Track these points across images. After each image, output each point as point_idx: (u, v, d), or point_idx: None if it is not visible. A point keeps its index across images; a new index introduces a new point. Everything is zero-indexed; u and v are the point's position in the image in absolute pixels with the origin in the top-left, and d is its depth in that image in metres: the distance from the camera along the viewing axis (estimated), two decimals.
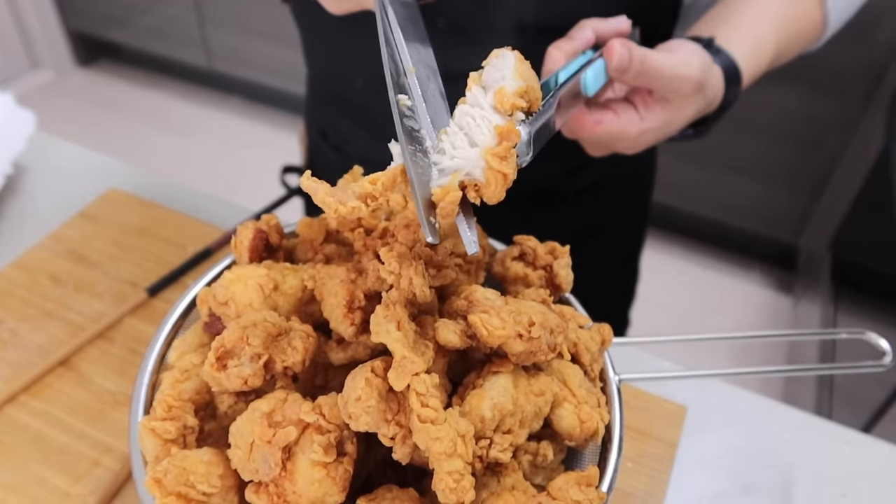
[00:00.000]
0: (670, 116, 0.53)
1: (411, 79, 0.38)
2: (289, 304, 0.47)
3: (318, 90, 0.88)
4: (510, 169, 0.34)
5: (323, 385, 0.46)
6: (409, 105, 0.37)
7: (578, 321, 0.49)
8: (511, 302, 0.42)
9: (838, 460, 0.64)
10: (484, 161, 0.34)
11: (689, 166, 1.91)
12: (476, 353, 0.44)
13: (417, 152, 0.36)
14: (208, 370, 0.41)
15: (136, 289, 0.75)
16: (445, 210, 0.35)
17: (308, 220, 0.53)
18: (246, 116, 2.62)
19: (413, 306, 0.42)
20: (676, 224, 2.10)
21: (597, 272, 0.80)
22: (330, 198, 0.36)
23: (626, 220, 0.91)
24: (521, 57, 0.36)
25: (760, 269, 2.09)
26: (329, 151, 0.87)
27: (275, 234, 0.53)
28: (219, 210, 0.88)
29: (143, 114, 2.65)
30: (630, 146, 0.54)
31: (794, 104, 1.72)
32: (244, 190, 2.20)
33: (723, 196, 1.95)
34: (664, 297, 1.94)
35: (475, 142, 0.35)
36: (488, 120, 0.35)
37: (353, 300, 0.43)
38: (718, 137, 1.88)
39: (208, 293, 0.48)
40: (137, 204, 0.86)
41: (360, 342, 0.44)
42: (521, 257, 0.52)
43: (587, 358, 0.48)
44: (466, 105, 0.36)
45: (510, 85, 0.35)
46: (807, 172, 1.83)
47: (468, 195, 0.36)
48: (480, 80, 0.36)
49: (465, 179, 0.35)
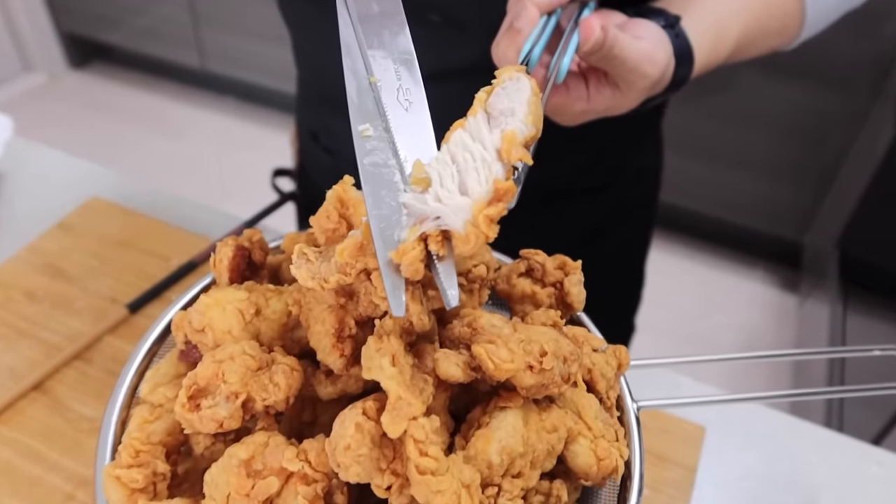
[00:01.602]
0: (616, 103, 0.50)
1: (375, 92, 0.34)
2: (272, 330, 0.42)
3: (308, 90, 0.84)
4: (495, 233, 0.31)
5: (311, 421, 0.42)
6: (371, 135, 0.33)
7: (592, 344, 0.45)
8: (519, 328, 0.37)
9: (868, 482, 0.60)
10: (471, 215, 0.30)
11: (692, 163, 1.87)
12: (481, 385, 0.39)
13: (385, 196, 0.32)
14: (180, 410, 0.36)
15: (117, 305, 0.70)
16: (409, 272, 0.31)
17: (294, 234, 0.48)
18: (240, 117, 2.57)
19: (410, 335, 0.37)
20: (680, 223, 2.06)
21: (603, 278, 0.75)
22: (311, 280, 0.34)
23: (634, 222, 0.87)
24: (536, 89, 0.31)
25: (765, 268, 2.05)
26: (320, 153, 0.83)
27: (258, 250, 0.48)
28: (205, 218, 0.83)
29: (136, 116, 2.61)
30: (565, 121, 0.51)
31: (800, 98, 1.68)
32: (239, 193, 2.15)
33: (726, 193, 1.91)
34: (668, 297, 1.90)
35: (466, 188, 0.31)
36: (489, 166, 0.30)
37: (342, 328, 0.38)
38: (722, 133, 1.85)
39: (184, 318, 0.43)
40: (119, 213, 0.81)
41: (352, 374, 0.39)
42: (529, 273, 0.48)
43: (603, 385, 0.43)
44: (466, 133, 0.31)
45: (521, 129, 0.30)
46: (813, 168, 1.78)
47: (430, 246, 0.32)
48: (486, 104, 0.31)
49: (432, 230, 0.32)
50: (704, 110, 1.76)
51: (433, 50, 0.61)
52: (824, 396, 0.49)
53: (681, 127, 1.76)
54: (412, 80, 0.36)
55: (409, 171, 0.33)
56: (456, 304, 0.31)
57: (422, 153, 0.34)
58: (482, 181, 0.30)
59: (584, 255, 0.68)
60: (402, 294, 0.32)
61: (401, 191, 0.32)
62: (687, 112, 1.75)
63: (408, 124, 0.34)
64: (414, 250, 0.31)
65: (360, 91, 0.34)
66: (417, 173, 0.31)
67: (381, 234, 0.32)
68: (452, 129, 0.32)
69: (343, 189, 0.46)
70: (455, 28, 0.61)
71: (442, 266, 0.32)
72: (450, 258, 0.32)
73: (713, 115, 1.77)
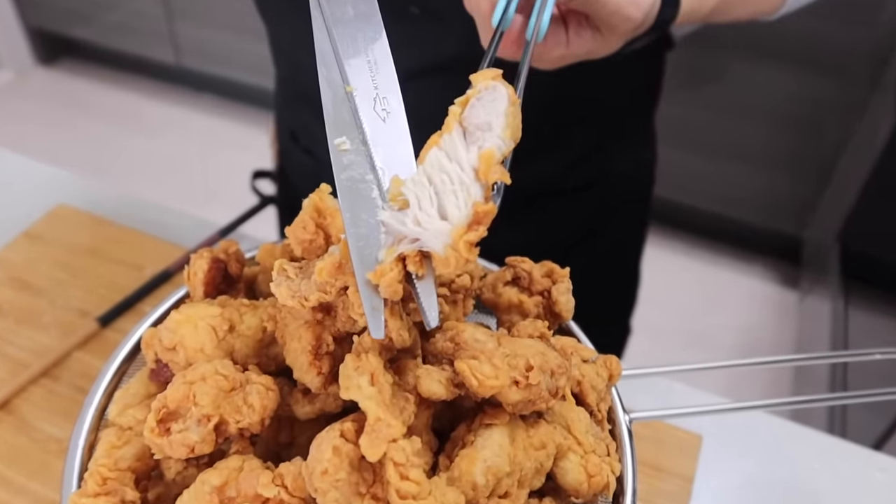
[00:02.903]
0: (597, 47, 0.49)
1: (352, 103, 0.34)
2: (247, 347, 0.42)
3: (286, 88, 0.83)
4: (476, 256, 0.31)
5: (289, 442, 0.41)
6: (348, 148, 0.33)
7: (582, 355, 0.45)
8: (504, 342, 0.37)
9: (872, 488, 0.60)
10: (451, 239, 0.30)
11: (687, 155, 1.87)
12: (466, 402, 0.39)
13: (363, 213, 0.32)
14: (149, 435, 0.36)
15: (87, 318, 0.69)
16: (388, 292, 0.32)
17: (269, 246, 0.48)
18: (219, 115, 2.56)
19: (390, 351, 0.37)
20: (675, 218, 2.07)
21: (595, 279, 0.75)
22: (291, 299, 0.34)
23: (626, 219, 0.87)
24: (513, 97, 0.31)
25: (764, 263, 2.05)
26: (300, 154, 0.82)
27: (235, 263, 0.48)
28: (181, 225, 0.82)
29: (108, 115, 2.58)
30: (542, 66, 0.50)
31: (796, 87, 1.69)
32: (218, 195, 2.14)
33: (723, 187, 1.92)
34: (664, 295, 1.90)
35: (445, 211, 0.31)
36: (466, 188, 0.31)
37: (319, 345, 0.38)
38: (718, 124, 1.85)
39: (154, 336, 0.43)
40: (89, 221, 0.80)
41: (330, 392, 0.39)
42: (515, 282, 0.48)
43: (593, 398, 0.43)
44: (442, 153, 0.31)
45: (498, 146, 0.30)
46: (811, 159, 1.79)
47: (409, 266, 0.32)
48: (461, 117, 0.31)
49: (410, 251, 0.32)
50: (699, 100, 1.77)
51: (414, 46, 0.61)
52: (825, 404, 0.49)
53: (674, 118, 1.76)
54: (389, 88, 0.35)
55: (388, 186, 0.32)
56: (436, 325, 0.31)
57: (400, 167, 0.34)
58: (461, 205, 0.30)
59: (575, 256, 0.68)
60: (381, 315, 0.32)
61: (379, 207, 0.32)
62: (681, 102, 1.76)
63: (385, 136, 0.34)
64: (392, 271, 0.31)
65: (335, 101, 0.34)
66: (394, 190, 0.31)
67: (359, 254, 0.32)
68: (428, 147, 0.32)
69: (320, 198, 0.46)
70: (435, 20, 0.61)
71: (421, 285, 0.32)
72: (429, 277, 0.32)
73: (708, 105, 1.77)
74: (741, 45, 1.64)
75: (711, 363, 0.50)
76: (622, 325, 0.94)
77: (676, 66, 0.97)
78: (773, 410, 0.64)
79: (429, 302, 0.32)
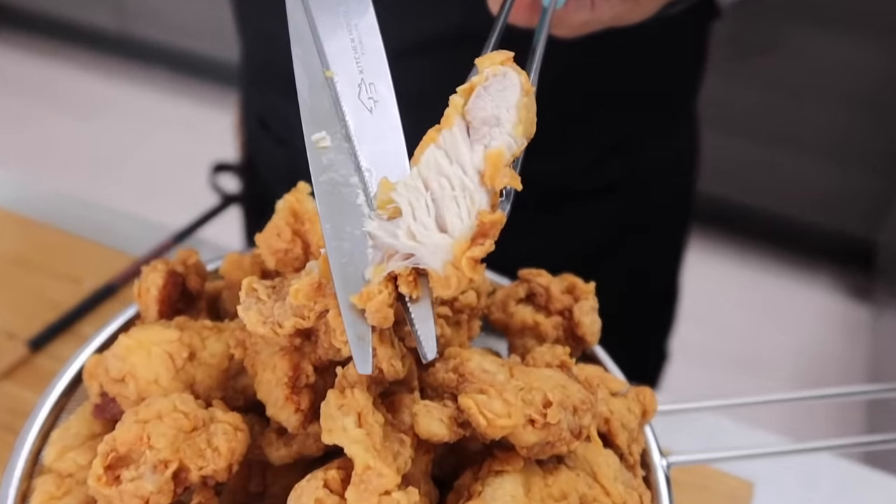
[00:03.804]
0: (627, 10, 0.49)
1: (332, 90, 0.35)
2: (210, 378, 0.43)
3: (253, 66, 0.84)
4: (481, 274, 0.32)
5: (260, 491, 0.42)
6: (328, 145, 0.34)
7: (611, 387, 0.45)
8: (517, 373, 0.38)
9: None
10: (451, 256, 0.31)
11: (736, 143, 1.88)
12: (472, 444, 0.40)
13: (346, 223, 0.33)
14: (94, 484, 0.36)
15: (15, 341, 0.70)
16: (376, 319, 0.32)
17: (236, 256, 0.49)
18: (171, 94, 2.57)
19: (380, 385, 0.37)
20: (722, 219, 2.07)
21: (626, 294, 0.76)
22: (263, 326, 0.35)
23: (663, 222, 0.88)
24: (527, 85, 0.32)
25: (830, 272, 2.06)
26: (271, 145, 0.83)
27: (195, 276, 0.49)
28: (127, 229, 0.83)
29: (34, 93, 2.60)
30: (563, 33, 0.51)
31: (869, 60, 1.70)
32: (171, 192, 2.15)
33: (779, 181, 1.93)
34: (709, 313, 1.91)
35: (445, 222, 0.31)
36: (470, 195, 0.31)
37: (297, 376, 0.39)
38: (773, 106, 1.86)
39: (99, 364, 0.44)
40: (15, 224, 0.81)
41: (310, 433, 0.40)
42: (530, 299, 0.49)
43: (624, 438, 0.44)
44: (441, 152, 0.32)
45: (508, 145, 0.31)
46: (886, 148, 1.80)
47: (402, 287, 0.33)
48: (464, 110, 0.32)
49: (403, 269, 0.32)
50: (748, 77, 1.78)
51: (406, 17, 0.62)
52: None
53: (721, 100, 1.77)
54: (377, 72, 0.36)
55: (375, 191, 0.33)
56: (434, 356, 0.32)
57: (390, 168, 0.34)
58: (463, 215, 0.31)
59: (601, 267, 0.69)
60: (368, 346, 0.32)
61: (365, 216, 0.33)
62: (728, 80, 1.77)
63: (372, 130, 0.35)
64: (381, 294, 0.32)
65: (313, 89, 0.35)
66: (383, 195, 0.32)
67: (341, 272, 0.32)
68: (424, 145, 0.32)
69: (297, 199, 0.47)
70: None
71: (416, 309, 0.33)
72: (426, 299, 0.33)
73: (761, 83, 1.79)
74: (801, 11, 1.66)
75: (766, 396, 0.51)
76: (658, 349, 0.95)
77: (723, 38, 0.98)
78: (842, 452, 0.65)
79: (425, 329, 0.33)
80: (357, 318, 0.33)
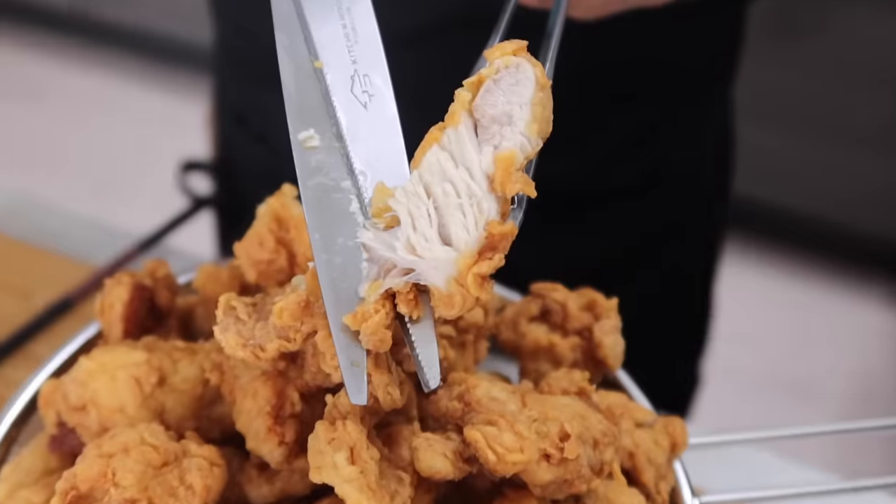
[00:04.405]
0: None
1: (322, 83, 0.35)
2: (182, 406, 0.43)
3: (229, 52, 0.84)
4: (489, 295, 0.32)
5: None
6: (317, 145, 0.34)
7: (636, 417, 0.46)
8: (531, 401, 0.38)
9: None
10: (456, 271, 0.31)
11: (777, 137, 1.88)
12: (479, 482, 0.40)
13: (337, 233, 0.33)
14: None
15: None
16: (372, 342, 0.33)
17: (211, 268, 0.49)
18: (132, 80, 2.57)
19: (376, 415, 0.38)
20: (763, 224, 2.08)
21: (653, 311, 0.77)
22: (242, 349, 0.35)
23: (696, 228, 0.88)
24: (543, 78, 0.32)
25: (886, 285, 2.06)
26: (249, 144, 0.84)
27: (164, 291, 0.50)
28: (84, 235, 0.84)
29: None
30: (580, 13, 0.52)
31: None
32: (134, 193, 2.15)
33: (828, 180, 1.93)
34: (748, 331, 1.91)
35: (449, 233, 0.32)
36: (477, 203, 0.32)
37: (281, 404, 0.39)
38: (819, 94, 1.87)
39: (55, 391, 0.44)
40: None
41: (295, 468, 0.40)
42: (544, 317, 0.49)
43: (650, 475, 0.45)
44: (445, 153, 0.32)
45: (522, 145, 0.32)
46: None
47: (400, 307, 0.33)
48: (472, 106, 0.32)
49: (402, 286, 0.33)
50: (793, 63, 1.78)
51: (407, 1, 0.62)
52: None
53: (760, 87, 1.77)
54: (372, 62, 0.37)
55: (371, 197, 0.34)
56: (437, 385, 0.32)
57: (387, 171, 0.35)
58: (469, 226, 0.31)
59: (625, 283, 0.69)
60: (362, 372, 0.33)
61: (359, 226, 0.33)
62: (768, 65, 1.77)
63: (367, 127, 0.35)
64: (377, 314, 0.32)
65: (299, 81, 0.35)
66: (380, 202, 0.32)
67: (333, 289, 0.33)
68: (426, 145, 0.33)
69: (281, 203, 0.47)
70: None
71: (417, 331, 0.33)
72: (427, 320, 0.33)
73: (806, 69, 1.79)
74: None
75: (813, 427, 0.51)
76: (690, 373, 0.95)
77: (762, 18, 0.98)
78: None
79: (427, 353, 0.33)
80: (350, 341, 0.33)
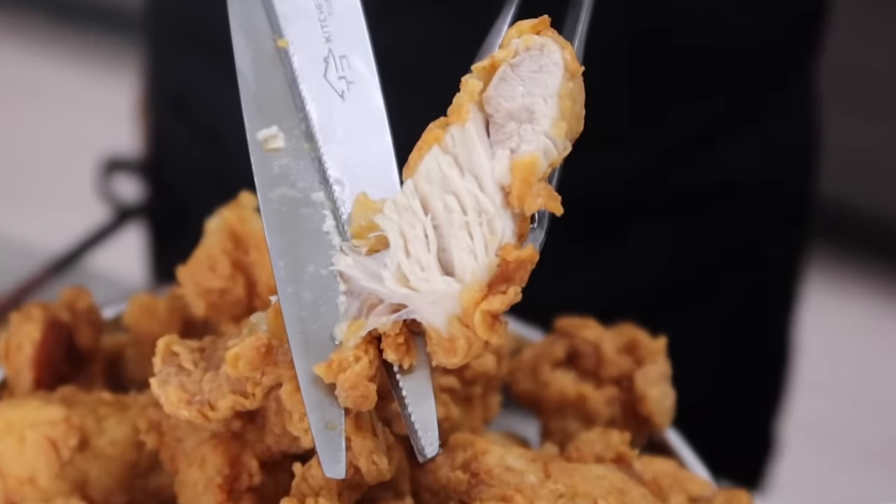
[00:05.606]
0: None
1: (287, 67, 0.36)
2: (110, 475, 0.44)
3: (167, 18, 0.85)
4: (501, 339, 0.33)
5: None
6: (281, 146, 0.35)
7: (689, 490, 0.47)
8: (555, 471, 0.39)
9: None
10: (460, 308, 0.32)
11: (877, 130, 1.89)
12: None
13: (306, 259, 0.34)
14: None
15: None
16: (352, 399, 0.33)
17: (146, 299, 0.50)
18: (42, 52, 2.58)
19: (357, 489, 0.39)
20: (858, 237, 2.08)
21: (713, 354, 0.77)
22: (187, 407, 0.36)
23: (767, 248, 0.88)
24: (573, 64, 0.32)
25: None
26: (191, 138, 0.84)
27: (85, 328, 0.50)
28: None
29: None
30: None
31: None
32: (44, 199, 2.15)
33: None
34: (837, 376, 1.91)
35: (451, 260, 0.32)
36: (488, 221, 0.32)
37: (236, 475, 0.40)
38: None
39: None
40: None
41: None
42: (572, 362, 0.50)
43: None
44: (447, 158, 0.32)
45: (546, 148, 0.32)
46: None
47: (388, 353, 0.33)
48: (482, 98, 0.33)
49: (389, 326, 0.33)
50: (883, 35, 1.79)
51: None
52: None
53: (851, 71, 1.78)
54: (352, 40, 0.37)
55: (350, 213, 0.34)
56: (434, 452, 0.33)
57: (371, 179, 0.35)
58: (478, 249, 0.31)
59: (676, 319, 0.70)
60: (340, 437, 0.33)
61: (335, 249, 0.34)
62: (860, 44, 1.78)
63: (345, 124, 0.35)
64: (359, 363, 0.32)
65: (258, 65, 0.36)
66: (362, 219, 0.32)
67: (301, 329, 0.33)
68: (423, 146, 0.33)
69: (238, 217, 0.48)
70: None
71: (409, 383, 0.33)
72: (422, 369, 0.33)
73: None
74: None
75: None
76: (762, 433, 0.95)
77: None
78: None
79: (422, 413, 0.34)
80: (323, 397, 0.34)
